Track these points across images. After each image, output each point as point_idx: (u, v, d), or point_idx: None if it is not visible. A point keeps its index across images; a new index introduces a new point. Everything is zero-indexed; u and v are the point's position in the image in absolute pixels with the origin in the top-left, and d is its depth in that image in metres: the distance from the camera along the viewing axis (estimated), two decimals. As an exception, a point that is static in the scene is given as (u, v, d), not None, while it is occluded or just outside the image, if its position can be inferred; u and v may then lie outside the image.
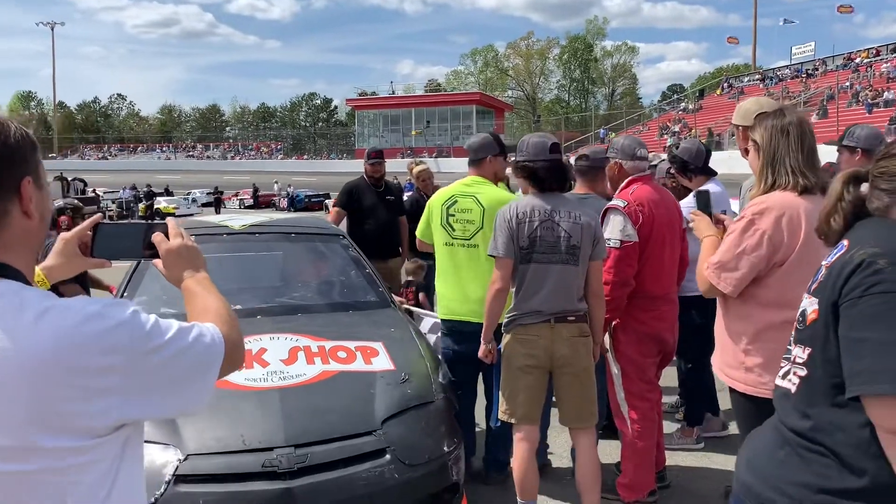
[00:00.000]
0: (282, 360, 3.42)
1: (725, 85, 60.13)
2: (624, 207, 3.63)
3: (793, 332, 1.66)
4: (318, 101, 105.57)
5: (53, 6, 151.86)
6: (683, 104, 61.00)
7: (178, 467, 2.81)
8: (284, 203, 41.02)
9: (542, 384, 3.45)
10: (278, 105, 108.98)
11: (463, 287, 3.98)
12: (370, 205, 6.23)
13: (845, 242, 1.57)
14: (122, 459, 1.20)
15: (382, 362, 3.52)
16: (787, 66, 56.92)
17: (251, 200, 42.70)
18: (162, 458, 2.84)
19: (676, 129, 49.34)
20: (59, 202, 4.99)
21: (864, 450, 1.42)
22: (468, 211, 3.97)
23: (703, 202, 3.06)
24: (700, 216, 2.93)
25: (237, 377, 3.25)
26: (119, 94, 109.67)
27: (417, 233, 4.33)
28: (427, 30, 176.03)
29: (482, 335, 3.59)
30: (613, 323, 3.77)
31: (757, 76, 58.85)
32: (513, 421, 3.46)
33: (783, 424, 1.63)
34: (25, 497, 1.11)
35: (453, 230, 4.03)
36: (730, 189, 4.82)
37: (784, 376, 1.66)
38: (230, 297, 4.22)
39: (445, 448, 3.21)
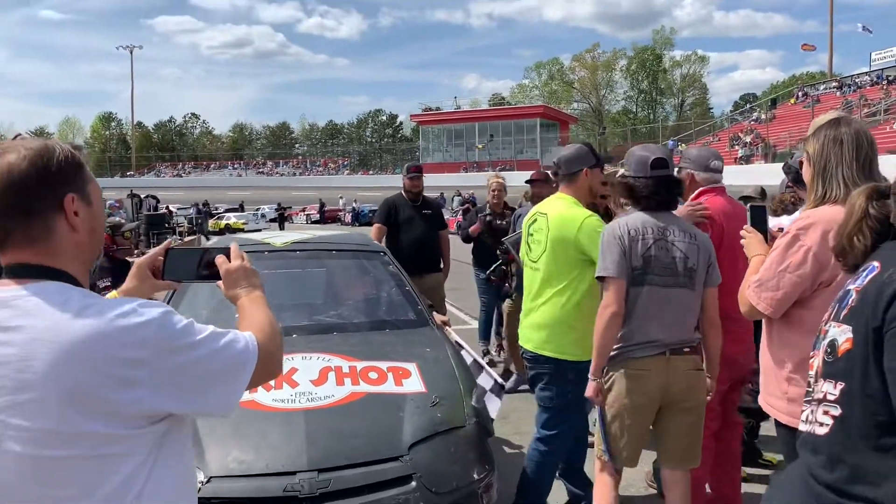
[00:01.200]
0: (311, 380, 3.37)
1: (800, 94, 58.15)
2: None
3: (816, 366, 1.47)
4: (384, 118, 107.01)
5: (133, 31, 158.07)
6: (756, 114, 59.25)
7: (200, 489, 2.77)
8: (349, 218, 41.59)
9: (649, 423, 3.16)
10: (345, 122, 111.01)
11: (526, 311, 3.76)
12: (407, 219, 6.28)
13: (876, 264, 1.40)
14: (157, 457, 1.30)
15: (414, 384, 3.42)
16: (866, 73, 54.63)
17: (317, 216, 43.45)
18: (184, 480, 2.81)
19: (748, 139, 47.91)
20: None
21: None
22: (540, 230, 3.65)
23: (758, 218, 2.82)
24: (752, 233, 2.73)
25: (265, 398, 3.22)
26: (193, 114, 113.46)
27: (521, 254, 4.00)
28: (493, 44, 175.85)
29: (591, 370, 3.12)
30: None
31: (833, 84, 56.64)
32: (615, 464, 3.18)
33: (813, 478, 1.42)
34: (60, 483, 1.22)
35: (531, 251, 3.73)
36: None
37: (809, 420, 1.46)
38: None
39: (475, 476, 3.08)
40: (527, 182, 6.31)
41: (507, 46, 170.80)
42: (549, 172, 7.53)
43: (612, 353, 3.09)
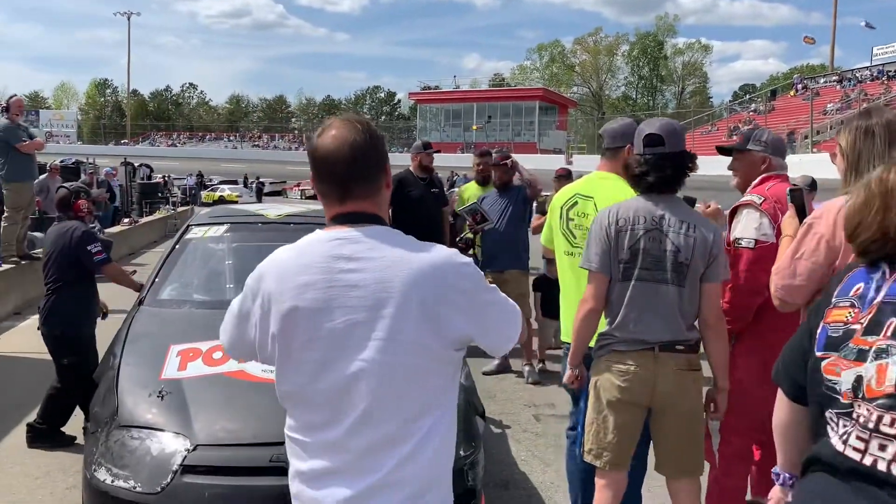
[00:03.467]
0: (301, 353, 3.37)
1: (799, 86, 58.09)
2: (761, 204, 3.09)
3: (863, 380, 1.41)
4: (382, 95, 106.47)
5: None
6: (755, 105, 59.18)
7: (186, 457, 2.78)
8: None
9: (636, 424, 2.90)
10: (343, 98, 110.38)
11: None
12: (417, 197, 6.26)
13: None
14: (453, 382, 1.60)
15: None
16: (867, 68, 54.57)
17: (312, 192, 43.21)
18: (171, 447, 2.82)
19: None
20: (73, 185, 4.93)
21: None
22: (586, 216, 3.26)
23: (796, 199, 2.77)
24: (792, 216, 2.73)
25: (255, 369, 3.21)
26: (190, 84, 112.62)
27: (542, 238, 3.69)
28: (495, 24, 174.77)
29: (569, 359, 3.07)
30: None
31: (834, 77, 56.60)
32: (597, 464, 2.92)
33: None
34: (407, 387, 1.49)
35: (574, 238, 3.34)
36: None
37: (864, 449, 1.39)
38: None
39: (461, 452, 3.09)
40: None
41: (509, 27, 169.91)
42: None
43: (598, 345, 2.93)
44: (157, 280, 4.12)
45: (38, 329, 4.61)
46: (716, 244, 2.82)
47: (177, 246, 4.37)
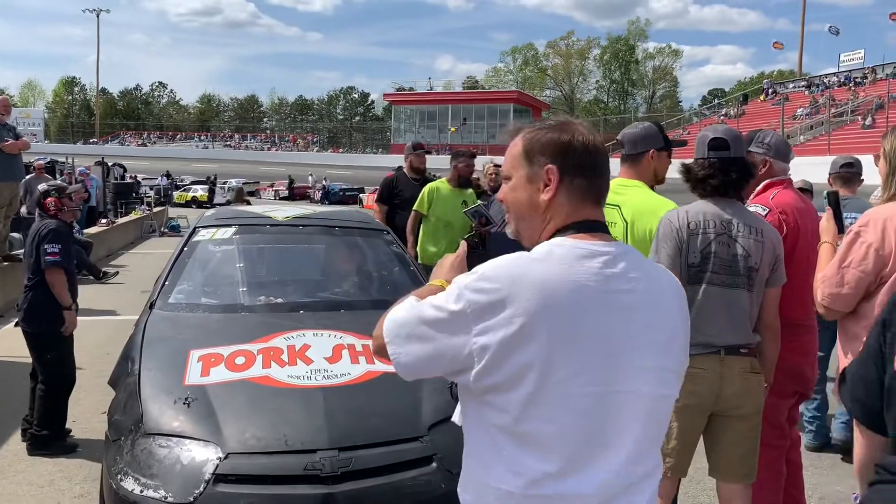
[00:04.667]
0: (326, 357, 3.31)
1: (769, 91, 58.99)
2: (766, 215, 3.03)
3: None
4: (356, 95, 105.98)
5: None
6: (725, 109, 59.96)
7: (218, 466, 2.71)
8: (319, 195, 41.18)
9: (699, 429, 2.89)
10: (316, 98, 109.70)
11: None
12: (410, 198, 6.19)
13: None
14: None
15: (429, 365, 3.38)
16: (834, 74, 55.60)
17: (286, 192, 42.92)
18: (202, 456, 2.75)
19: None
20: (44, 185, 4.91)
21: None
22: (613, 224, 3.06)
23: (833, 203, 2.78)
24: (830, 219, 2.73)
25: (280, 374, 3.16)
26: (160, 83, 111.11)
27: None
28: (468, 26, 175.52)
29: None
30: None
31: (802, 83, 57.58)
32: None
33: None
34: (658, 421, 1.43)
35: None
36: None
37: None
38: (273, 290, 4.14)
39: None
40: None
41: (482, 29, 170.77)
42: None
43: None
44: (167, 283, 4.03)
45: (16, 325, 4.63)
46: (780, 250, 2.82)
47: (185, 248, 4.27)
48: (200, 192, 37.84)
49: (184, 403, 2.97)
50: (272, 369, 3.19)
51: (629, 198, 3.06)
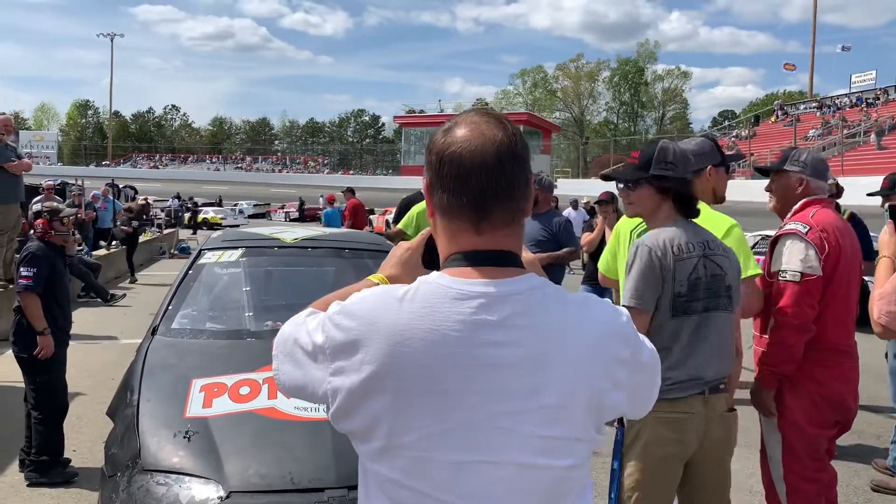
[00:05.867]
0: (334, 387, 3.13)
1: (780, 112, 58.84)
2: (807, 233, 2.87)
3: None
4: (367, 118, 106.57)
5: (114, 17, 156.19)
6: (736, 131, 59.80)
7: (218, 506, 2.53)
8: (329, 217, 41.22)
9: (677, 482, 2.60)
10: (327, 120, 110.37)
11: None
12: None
13: None
14: (590, 465, 1.22)
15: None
16: (845, 95, 55.43)
17: (297, 214, 42.97)
18: (203, 494, 2.57)
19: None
20: (37, 205, 4.79)
21: None
22: None
23: (894, 214, 2.65)
24: (891, 234, 2.60)
25: (286, 405, 2.98)
26: (173, 105, 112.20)
27: (600, 265, 3.32)
28: (478, 49, 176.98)
29: None
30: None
31: (814, 104, 57.41)
32: None
33: None
34: (550, 496, 1.13)
35: None
36: None
37: None
38: (280, 315, 3.97)
39: None
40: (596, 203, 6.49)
41: (492, 52, 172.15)
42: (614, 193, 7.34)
43: None
44: (170, 308, 3.87)
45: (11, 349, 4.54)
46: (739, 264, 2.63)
47: (190, 271, 4.12)
48: (211, 213, 37.95)
49: (184, 437, 2.79)
50: (278, 400, 3.01)
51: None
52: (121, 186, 22.47)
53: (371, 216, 38.66)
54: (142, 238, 18.83)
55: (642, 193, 2.60)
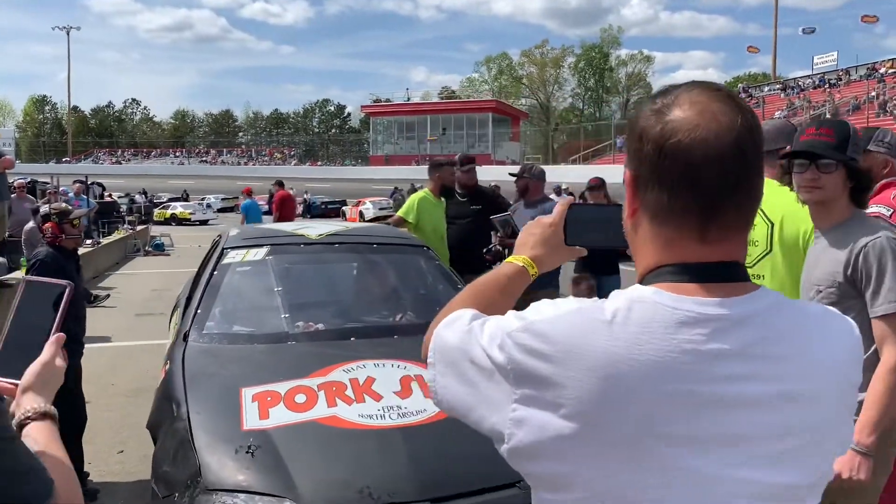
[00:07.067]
0: (395, 392, 2.96)
1: (744, 94, 59.52)
2: (891, 216, 2.73)
3: None
4: (332, 108, 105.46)
5: (69, 10, 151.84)
6: (701, 114, 60.28)
7: (293, 523, 2.35)
8: (300, 209, 40.69)
9: None
10: (291, 111, 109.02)
11: None
12: (454, 215, 5.82)
13: None
14: None
15: (508, 396, 3.04)
16: (808, 76, 56.22)
17: (266, 206, 42.37)
18: (275, 514, 2.39)
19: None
20: (45, 207, 4.49)
21: None
22: (753, 227, 2.72)
23: None
24: None
25: (349, 413, 2.81)
26: (133, 99, 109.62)
27: None
28: (441, 37, 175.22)
29: (866, 430, 2.18)
30: None
31: (777, 86, 58.16)
32: None
33: None
34: None
35: None
36: None
37: None
38: (313, 314, 3.78)
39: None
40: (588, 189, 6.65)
41: (455, 40, 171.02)
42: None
43: None
44: (199, 311, 3.65)
45: None
46: None
47: (215, 272, 3.90)
48: (180, 209, 37.24)
49: (247, 452, 2.60)
50: (339, 408, 2.83)
51: (768, 196, 2.62)
52: (88, 183, 21.83)
53: (344, 207, 38.46)
54: (114, 236, 18.37)
55: (835, 178, 2.31)
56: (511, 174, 6.24)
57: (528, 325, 0.93)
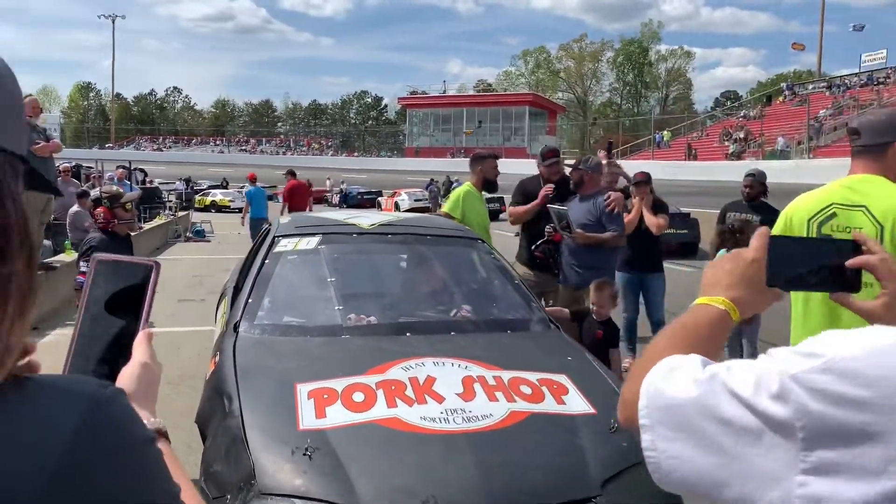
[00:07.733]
0: (458, 394, 2.78)
1: (788, 92, 58.14)
2: None
3: None
4: (369, 100, 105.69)
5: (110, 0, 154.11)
6: (744, 111, 59.11)
7: (356, 534, 2.19)
8: (336, 199, 40.76)
9: None
10: (329, 102, 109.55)
11: None
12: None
13: None
14: None
15: (577, 402, 2.84)
16: (854, 74, 54.68)
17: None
18: (336, 523, 2.22)
19: (741, 135, 47.72)
20: (95, 191, 4.34)
21: None
22: (858, 229, 2.39)
23: None
24: None
25: (410, 415, 2.63)
26: (175, 87, 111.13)
27: None
28: (478, 30, 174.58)
29: None
30: None
31: (822, 84, 56.70)
32: None
33: None
34: None
35: None
36: None
37: None
38: (365, 306, 3.60)
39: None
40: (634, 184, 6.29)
41: (492, 33, 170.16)
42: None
43: None
44: (250, 301, 3.51)
45: None
46: None
47: (266, 261, 3.75)
48: (220, 196, 37.53)
49: (304, 454, 2.44)
50: (399, 409, 2.66)
51: (877, 196, 2.38)
52: (131, 169, 22.04)
53: (379, 198, 38.40)
54: (155, 222, 18.51)
55: None
56: (567, 164, 6.01)
57: (830, 364, 0.73)
